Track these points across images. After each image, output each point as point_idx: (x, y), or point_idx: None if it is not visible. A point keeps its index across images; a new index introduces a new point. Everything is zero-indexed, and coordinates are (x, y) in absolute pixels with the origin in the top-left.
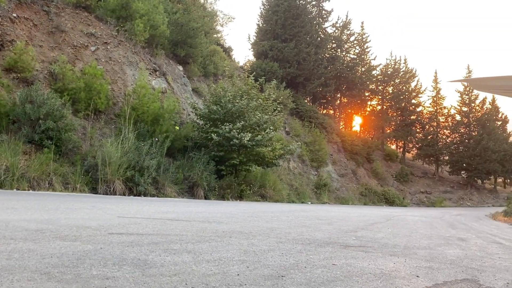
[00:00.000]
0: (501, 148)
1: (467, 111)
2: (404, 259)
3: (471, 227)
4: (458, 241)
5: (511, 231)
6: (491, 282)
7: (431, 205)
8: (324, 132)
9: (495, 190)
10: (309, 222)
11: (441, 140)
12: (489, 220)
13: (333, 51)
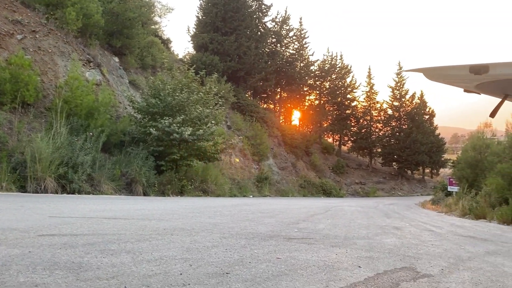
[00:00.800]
0: (428, 140)
1: (398, 106)
2: (345, 250)
3: (404, 216)
4: (394, 230)
5: (440, 219)
6: (427, 269)
7: (366, 195)
8: (265, 126)
9: (423, 180)
10: (252, 215)
11: (374, 133)
12: (419, 209)
13: (273, 46)
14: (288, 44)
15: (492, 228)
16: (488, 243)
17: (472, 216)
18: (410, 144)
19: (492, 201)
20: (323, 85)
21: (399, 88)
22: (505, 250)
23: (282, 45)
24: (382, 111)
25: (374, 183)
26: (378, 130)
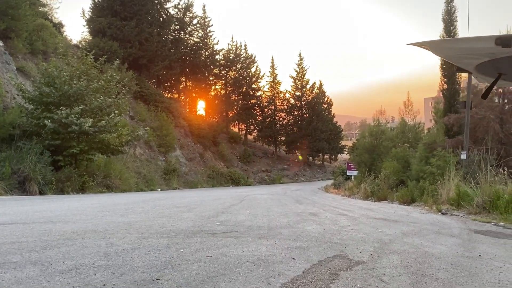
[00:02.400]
0: (327, 128)
1: (299, 95)
2: (274, 241)
3: (314, 201)
4: (311, 216)
5: (347, 202)
6: (358, 255)
7: (272, 182)
8: (170, 116)
9: (323, 165)
10: (168, 211)
11: (279, 122)
12: (324, 193)
13: (176, 33)
14: (192, 32)
15: (397, 210)
16: (400, 225)
17: (375, 198)
18: (311, 132)
19: (390, 183)
20: (229, 74)
21: (300, 78)
22: (417, 230)
23: (186, 32)
24: (285, 101)
25: (279, 170)
26: (282, 119)
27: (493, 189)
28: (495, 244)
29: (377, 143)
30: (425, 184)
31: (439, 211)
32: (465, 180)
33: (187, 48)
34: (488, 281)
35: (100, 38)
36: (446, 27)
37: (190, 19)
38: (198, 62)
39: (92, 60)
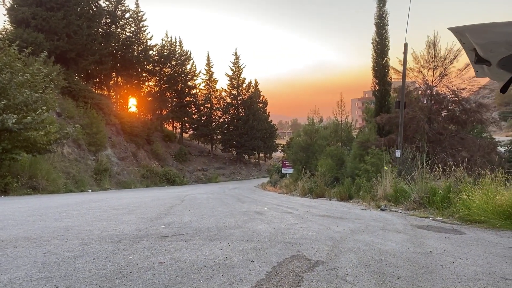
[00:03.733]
0: (263, 127)
1: (236, 94)
2: (227, 243)
3: (255, 199)
4: (258, 215)
5: (287, 200)
6: (315, 254)
7: (208, 181)
8: (101, 113)
9: (258, 163)
10: (106, 214)
11: (215, 120)
12: (262, 191)
13: (107, 26)
14: (124, 26)
15: (338, 206)
16: (346, 222)
17: (313, 195)
18: (247, 131)
19: (326, 180)
20: (163, 71)
21: (237, 77)
22: (363, 227)
23: (117, 26)
24: (222, 99)
25: (215, 169)
26: (218, 118)
27: (428, 186)
28: (440, 239)
29: (311, 141)
30: (361, 181)
31: (378, 207)
32: (400, 176)
33: (118, 43)
34: (446, 277)
35: (23, 29)
36: (378, 30)
37: (122, 12)
38: (130, 58)
39: (16, 51)
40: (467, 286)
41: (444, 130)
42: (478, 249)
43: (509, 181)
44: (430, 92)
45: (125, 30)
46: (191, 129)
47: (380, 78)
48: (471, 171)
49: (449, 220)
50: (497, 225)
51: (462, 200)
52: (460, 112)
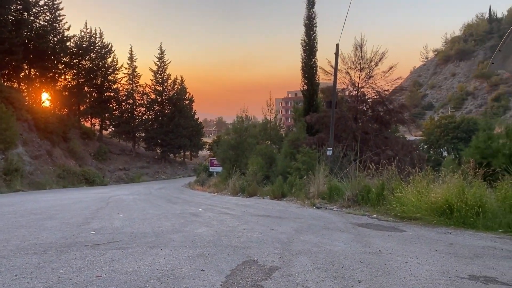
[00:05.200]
0: (189, 124)
1: (160, 90)
2: (169, 250)
3: (186, 200)
4: (194, 217)
5: (220, 199)
6: (267, 259)
7: (131, 181)
8: (11, 108)
9: (184, 162)
10: (24, 219)
11: (138, 117)
12: (190, 190)
13: (18, 13)
14: (38, 14)
15: (274, 205)
16: (287, 221)
17: (245, 194)
18: (173, 128)
19: (258, 179)
20: (82, 64)
21: (161, 72)
22: (305, 226)
23: (30, 14)
24: (145, 95)
25: (138, 168)
26: (141, 114)
27: (362, 183)
28: (383, 237)
29: (241, 139)
30: (293, 179)
31: (313, 205)
32: (333, 174)
33: (31, 32)
34: (405, 278)
35: None
36: (307, 31)
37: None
38: (45, 49)
39: None
40: (428, 287)
41: (370, 129)
42: (423, 247)
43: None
44: (357, 93)
45: (39, 18)
46: (112, 126)
47: (309, 78)
48: (400, 169)
49: (385, 217)
50: (433, 221)
51: (396, 197)
52: (384, 112)
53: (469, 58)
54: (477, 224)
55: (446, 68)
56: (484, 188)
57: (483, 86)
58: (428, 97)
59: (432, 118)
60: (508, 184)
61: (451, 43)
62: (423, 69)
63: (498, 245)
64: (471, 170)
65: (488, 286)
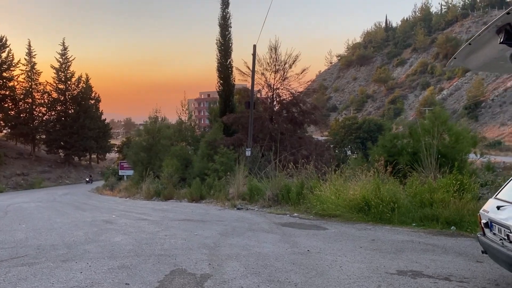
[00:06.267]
0: (96, 125)
1: (63, 89)
2: (86, 263)
3: (96, 206)
4: (108, 225)
5: (134, 204)
6: (196, 266)
7: (30, 187)
8: None
9: (90, 166)
10: None
11: (38, 118)
12: (99, 196)
13: None
14: None
15: (193, 208)
16: (209, 224)
17: (161, 197)
18: (78, 130)
19: (174, 181)
20: None
21: (64, 70)
22: (230, 229)
23: None
24: (46, 94)
25: (38, 173)
26: (42, 115)
27: (282, 183)
28: (308, 236)
29: (154, 141)
30: (212, 181)
31: (234, 207)
32: (252, 174)
33: None
34: (339, 278)
35: None
36: (222, 31)
37: None
38: None
39: None
40: (363, 286)
41: (285, 130)
42: (348, 244)
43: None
44: (273, 94)
45: None
46: (7, 127)
47: (225, 78)
48: (317, 168)
49: (305, 215)
50: (352, 218)
51: (316, 196)
52: (298, 113)
53: (368, 64)
54: (393, 220)
55: (348, 73)
56: (397, 185)
57: (381, 89)
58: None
59: (337, 119)
60: (417, 181)
61: (353, 49)
62: (327, 73)
63: (415, 239)
64: (382, 168)
65: (416, 280)
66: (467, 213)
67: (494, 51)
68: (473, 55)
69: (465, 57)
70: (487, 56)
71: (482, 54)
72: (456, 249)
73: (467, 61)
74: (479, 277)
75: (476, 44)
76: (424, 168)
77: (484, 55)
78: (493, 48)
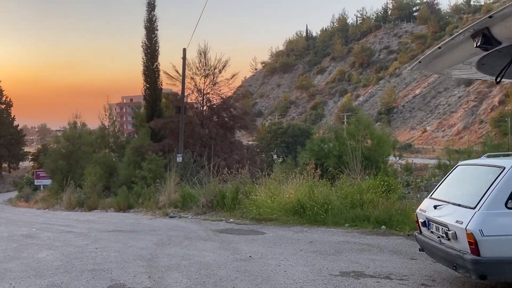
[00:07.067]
0: (7, 132)
1: None
2: (9, 284)
3: (11, 219)
4: (30, 240)
5: (53, 215)
6: (136, 280)
7: None
8: None
9: (1, 175)
10: None
11: None
12: (13, 208)
13: None
14: None
15: (122, 218)
16: (143, 235)
17: (84, 207)
18: None
19: (98, 190)
20: None
21: None
22: (166, 238)
23: None
24: None
25: None
26: None
27: (216, 189)
28: (248, 241)
29: (74, 148)
30: (140, 189)
31: (166, 215)
32: (184, 181)
33: None
34: (285, 283)
35: None
36: (148, 34)
37: None
38: None
39: None
40: None
41: (216, 135)
42: (288, 248)
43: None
44: (203, 99)
45: None
46: None
47: (151, 82)
48: (251, 172)
49: (242, 221)
50: (289, 221)
51: (252, 200)
52: (229, 118)
53: (291, 71)
54: (327, 221)
55: (273, 79)
56: (329, 187)
57: (303, 96)
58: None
59: (263, 124)
60: (347, 183)
61: (276, 57)
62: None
63: (350, 239)
64: (313, 170)
65: (360, 280)
66: (395, 212)
67: (465, 55)
68: (438, 59)
69: (430, 62)
70: (455, 60)
71: (449, 58)
72: (390, 248)
73: (430, 65)
74: (416, 274)
75: (446, 48)
76: (351, 170)
77: (451, 59)
78: (463, 52)
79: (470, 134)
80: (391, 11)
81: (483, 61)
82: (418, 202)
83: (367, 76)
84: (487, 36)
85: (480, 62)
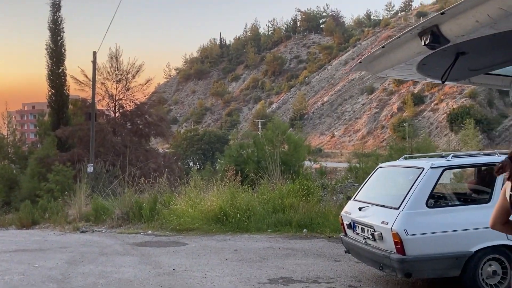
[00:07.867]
0: None
1: None
2: None
3: None
4: None
5: None
6: None
7: None
8: None
9: None
10: None
11: None
12: None
13: None
14: None
15: (26, 236)
16: (52, 253)
17: None
18: None
19: None
20: None
21: None
22: (78, 256)
23: None
24: None
25: None
26: None
27: (132, 199)
28: (170, 254)
29: None
30: (46, 202)
31: (77, 230)
32: (96, 193)
33: None
34: None
35: None
36: (53, 36)
37: None
38: None
39: None
40: None
41: (130, 142)
42: (212, 258)
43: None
44: (115, 105)
45: None
46: None
47: (57, 88)
48: (170, 181)
49: (161, 232)
50: (211, 230)
51: (172, 210)
52: (144, 125)
53: (206, 78)
54: (250, 227)
55: (187, 86)
56: (250, 193)
57: (218, 103)
58: (172, 111)
59: (178, 131)
60: (269, 188)
61: (190, 63)
62: (167, 86)
63: (274, 245)
64: (233, 177)
65: (288, 286)
66: (315, 215)
67: (409, 55)
68: (381, 59)
69: (371, 62)
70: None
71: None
72: (314, 251)
73: (371, 65)
74: (342, 276)
75: (390, 47)
76: (270, 175)
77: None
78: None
79: (373, 138)
80: (300, 23)
81: (424, 61)
82: (335, 204)
83: (279, 84)
84: (435, 34)
85: (421, 62)
